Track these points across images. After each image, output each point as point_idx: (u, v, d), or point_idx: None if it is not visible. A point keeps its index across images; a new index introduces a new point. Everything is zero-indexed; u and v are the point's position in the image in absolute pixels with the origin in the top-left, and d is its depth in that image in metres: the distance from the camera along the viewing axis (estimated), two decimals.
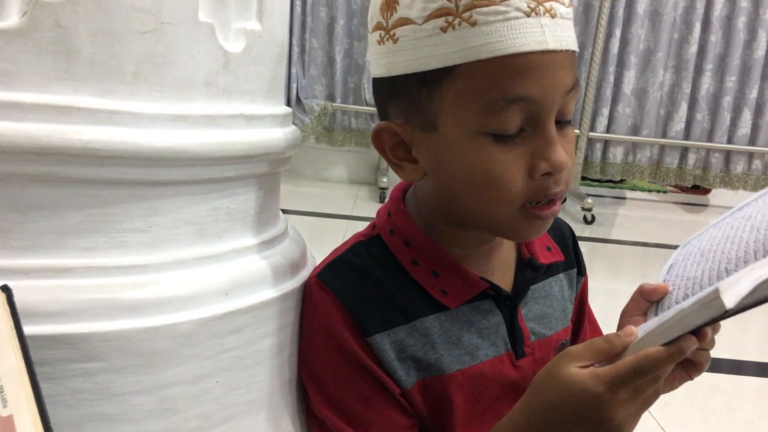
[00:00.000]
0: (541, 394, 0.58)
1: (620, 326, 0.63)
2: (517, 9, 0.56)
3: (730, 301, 0.47)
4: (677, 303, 0.59)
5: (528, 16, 0.56)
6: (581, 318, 0.82)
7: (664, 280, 0.64)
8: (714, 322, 0.50)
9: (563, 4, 0.59)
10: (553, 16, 0.57)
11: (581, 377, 0.54)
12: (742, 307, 0.48)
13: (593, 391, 0.53)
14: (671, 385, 0.63)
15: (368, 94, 3.48)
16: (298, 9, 3.42)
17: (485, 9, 0.55)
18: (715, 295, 0.48)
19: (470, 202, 0.62)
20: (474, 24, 0.56)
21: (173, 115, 0.57)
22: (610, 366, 0.53)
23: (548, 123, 0.59)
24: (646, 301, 0.64)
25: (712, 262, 0.59)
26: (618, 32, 3.47)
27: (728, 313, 0.48)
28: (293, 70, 3.46)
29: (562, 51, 0.58)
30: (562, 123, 0.61)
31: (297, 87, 3.50)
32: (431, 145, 0.62)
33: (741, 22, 3.46)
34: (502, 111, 0.57)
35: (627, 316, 0.64)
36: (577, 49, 0.61)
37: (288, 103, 3.28)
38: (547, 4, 0.57)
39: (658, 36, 3.49)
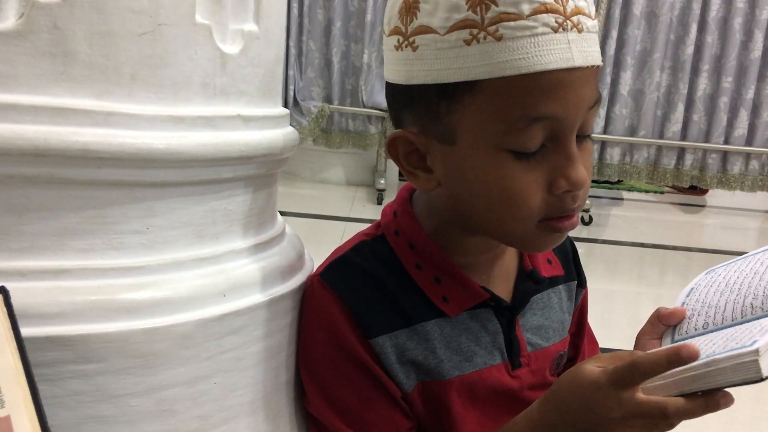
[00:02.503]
0: (557, 388, 0.58)
1: (636, 349, 0.63)
2: (545, 24, 0.54)
3: (767, 368, 0.47)
4: (695, 330, 0.59)
5: (555, 31, 0.54)
6: (580, 330, 0.82)
7: (683, 304, 0.63)
8: (747, 384, 0.49)
9: (589, 17, 0.57)
10: (579, 31, 0.56)
11: (594, 371, 0.55)
12: None
13: (598, 383, 0.54)
14: None
15: (365, 95, 3.48)
16: (295, 11, 3.42)
17: (512, 23, 0.54)
18: (753, 357, 0.47)
19: (487, 216, 0.62)
20: (500, 38, 0.54)
21: (170, 117, 0.57)
22: (640, 395, 0.53)
23: (569, 140, 0.58)
24: (663, 325, 0.64)
25: (737, 294, 0.58)
26: (614, 33, 3.47)
27: (764, 380, 0.48)
28: (290, 72, 3.46)
29: (587, 67, 0.56)
30: (581, 137, 0.60)
31: (294, 89, 3.50)
32: (448, 157, 0.61)
33: (737, 23, 3.47)
34: (525, 129, 0.56)
35: (643, 339, 0.64)
36: (601, 64, 0.59)
37: (285, 105, 3.28)
38: (575, 19, 0.55)
39: (654, 37, 3.50)
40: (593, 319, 0.86)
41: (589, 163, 0.61)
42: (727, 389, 0.51)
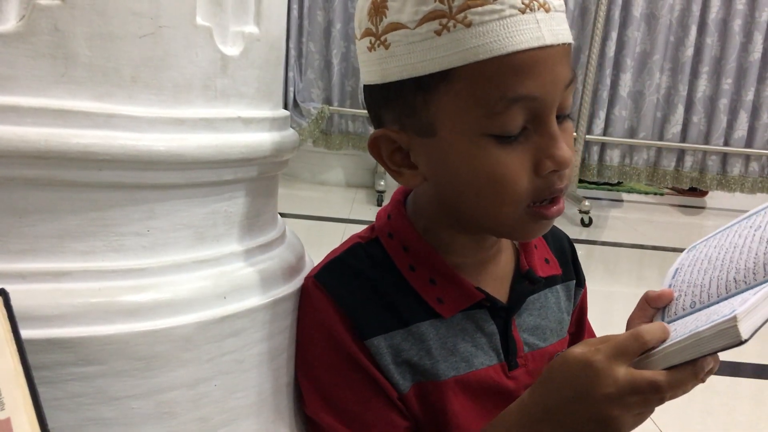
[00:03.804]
0: (547, 374, 0.58)
1: None
2: (512, 6, 0.55)
3: (746, 331, 0.48)
4: (683, 310, 0.59)
5: (523, 12, 0.55)
6: (580, 329, 0.82)
7: (670, 285, 0.64)
8: (729, 349, 0.50)
9: None
10: (547, 10, 0.56)
11: (584, 352, 0.55)
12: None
13: (589, 362, 0.54)
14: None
15: None
16: (295, 13, 3.42)
17: (479, 9, 0.54)
18: (732, 323, 0.49)
19: (475, 205, 0.62)
20: (469, 25, 0.55)
21: (171, 119, 0.57)
22: (631, 369, 0.53)
23: (550, 120, 0.59)
24: (652, 308, 0.64)
25: (720, 271, 0.59)
26: (614, 35, 3.48)
27: (744, 343, 0.49)
28: (290, 74, 3.46)
29: (559, 45, 0.57)
30: (561, 117, 0.60)
31: (294, 90, 3.50)
32: (430, 150, 0.61)
33: (737, 24, 3.47)
34: (504, 112, 0.57)
35: (633, 324, 0.64)
36: (572, 42, 0.60)
37: (285, 107, 3.29)
38: None
39: (654, 39, 3.50)
40: (593, 321, 0.86)
41: (571, 142, 0.62)
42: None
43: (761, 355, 1.83)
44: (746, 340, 0.49)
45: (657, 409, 0.55)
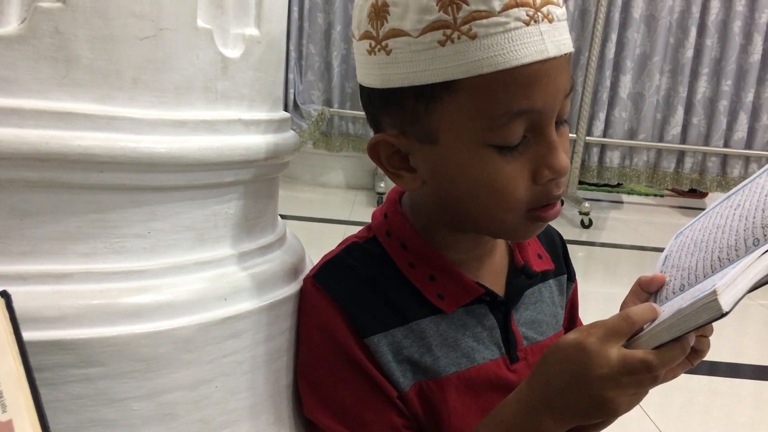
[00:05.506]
0: (542, 362, 0.59)
1: None
2: (517, 19, 0.55)
3: (727, 303, 0.49)
4: (674, 294, 0.60)
5: (527, 24, 0.55)
6: (572, 323, 0.82)
7: (661, 271, 0.65)
8: (712, 322, 0.51)
9: (558, 5, 0.58)
10: (550, 21, 0.57)
11: (576, 337, 0.56)
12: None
13: (581, 345, 0.55)
14: (674, 372, 0.62)
15: None
16: (295, 15, 3.43)
17: (485, 21, 0.54)
18: (712, 297, 0.50)
19: (474, 211, 0.62)
20: (474, 37, 0.54)
21: (172, 121, 0.57)
22: (623, 349, 0.54)
23: (550, 129, 0.59)
24: (645, 292, 0.64)
25: (705, 252, 0.60)
26: (614, 36, 3.48)
27: (726, 315, 0.50)
28: (290, 76, 3.47)
29: (561, 56, 0.57)
30: (558, 123, 0.61)
31: (294, 92, 3.50)
32: (431, 156, 0.62)
33: (736, 26, 3.48)
34: (507, 124, 0.57)
35: (627, 307, 0.65)
36: (573, 50, 0.60)
37: (285, 109, 3.29)
38: (545, 9, 0.56)
39: (654, 40, 3.51)
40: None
41: (567, 148, 0.63)
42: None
43: (760, 356, 1.83)
44: (728, 312, 0.50)
45: (658, 409, 0.56)
